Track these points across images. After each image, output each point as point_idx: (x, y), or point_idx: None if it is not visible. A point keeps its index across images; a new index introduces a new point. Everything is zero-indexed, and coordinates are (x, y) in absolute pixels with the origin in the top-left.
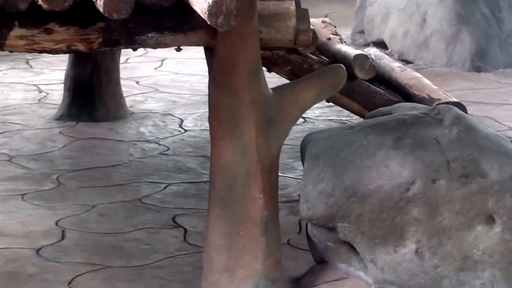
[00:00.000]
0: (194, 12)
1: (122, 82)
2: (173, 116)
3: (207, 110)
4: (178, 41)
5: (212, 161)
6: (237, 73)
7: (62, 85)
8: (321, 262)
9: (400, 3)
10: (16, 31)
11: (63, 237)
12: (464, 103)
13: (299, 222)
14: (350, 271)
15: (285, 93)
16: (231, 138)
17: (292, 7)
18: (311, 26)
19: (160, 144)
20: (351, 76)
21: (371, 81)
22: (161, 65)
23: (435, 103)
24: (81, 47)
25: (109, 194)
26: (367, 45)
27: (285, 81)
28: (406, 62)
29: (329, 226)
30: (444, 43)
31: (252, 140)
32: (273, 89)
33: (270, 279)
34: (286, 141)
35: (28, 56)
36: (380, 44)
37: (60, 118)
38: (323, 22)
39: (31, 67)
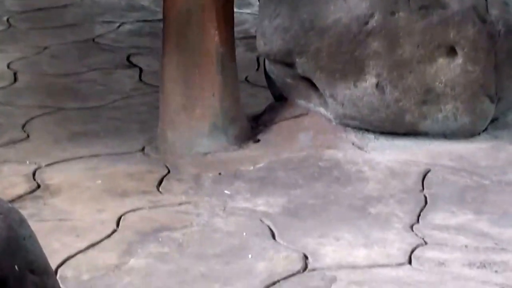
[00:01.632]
0: None
1: None
2: None
3: None
4: None
5: None
6: None
7: None
8: (280, 99)
9: None
10: None
11: (15, 80)
12: None
13: (257, 59)
14: (310, 107)
15: None
16: None
17: None
18: None
19: None
20: None
21: None
22: None
23: None
24: None
25: (61, 35)
26: None
27: None
28: None
29: (287, 62)
30: None
31: None
32: None
33: (228, 117)
34: None
35: None
36: None
37: None
38: None
39: None
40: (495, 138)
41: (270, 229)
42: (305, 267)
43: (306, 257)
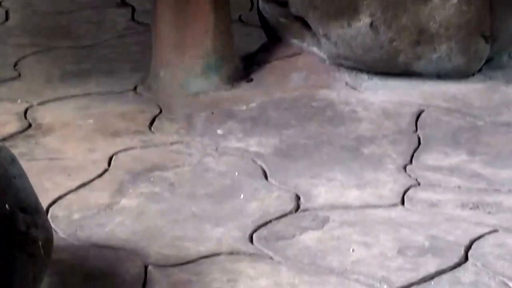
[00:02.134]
0: None
1: None
2: None
3: None
4: None
5: None
6: None
7: None
8: (274, 38)
9: None
10: None
11: (6, 18)
12: None
13: None
14: (304, 47)
15: None
16: None
17: None
18: None
19: None
20: None
21: None
22: None
23: None
24: None
25: None
26: None
27: None
28: None
29: (280, 1)
30: None
31: None
32: None
33: (221, 56)
34: None
35: None
36: None
37: None
38: None
39: None
40: (490, 78)
41: (262, 169)
42: (297, 208)
43: (298, 198)
